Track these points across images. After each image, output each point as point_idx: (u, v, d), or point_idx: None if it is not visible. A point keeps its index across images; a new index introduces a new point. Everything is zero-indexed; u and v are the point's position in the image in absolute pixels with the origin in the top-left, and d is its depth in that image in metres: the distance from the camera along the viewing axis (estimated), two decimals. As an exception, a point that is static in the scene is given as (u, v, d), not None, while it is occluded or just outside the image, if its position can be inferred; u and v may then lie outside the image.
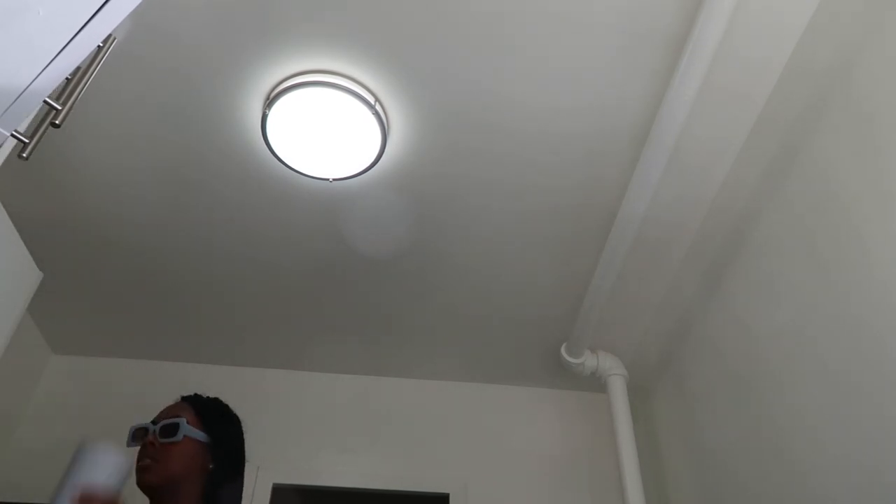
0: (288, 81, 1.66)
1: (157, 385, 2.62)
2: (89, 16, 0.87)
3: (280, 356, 2.72)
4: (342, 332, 2.58)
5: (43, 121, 0.95)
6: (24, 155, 0.93)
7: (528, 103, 1.73)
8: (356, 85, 1.68)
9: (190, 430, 1.45)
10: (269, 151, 1.82)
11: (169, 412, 1.50)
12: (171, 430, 1.45)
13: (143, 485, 1.39)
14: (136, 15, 0.94)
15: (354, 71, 1.66)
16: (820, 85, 1.57)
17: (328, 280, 2.33)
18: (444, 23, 1.56)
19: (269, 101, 1.68)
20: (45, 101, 0.93)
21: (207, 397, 1.59)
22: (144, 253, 2.22)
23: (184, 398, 1.56)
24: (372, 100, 1.70)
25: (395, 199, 2.00)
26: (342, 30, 1.59)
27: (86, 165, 1.92)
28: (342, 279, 2.33)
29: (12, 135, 0.91)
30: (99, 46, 1.00)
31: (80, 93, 0.99)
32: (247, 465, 1.54)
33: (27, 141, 0.93)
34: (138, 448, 1.46)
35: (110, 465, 1.27)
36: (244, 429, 1.57)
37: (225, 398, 1.58)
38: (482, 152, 1.86)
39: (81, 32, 0.87)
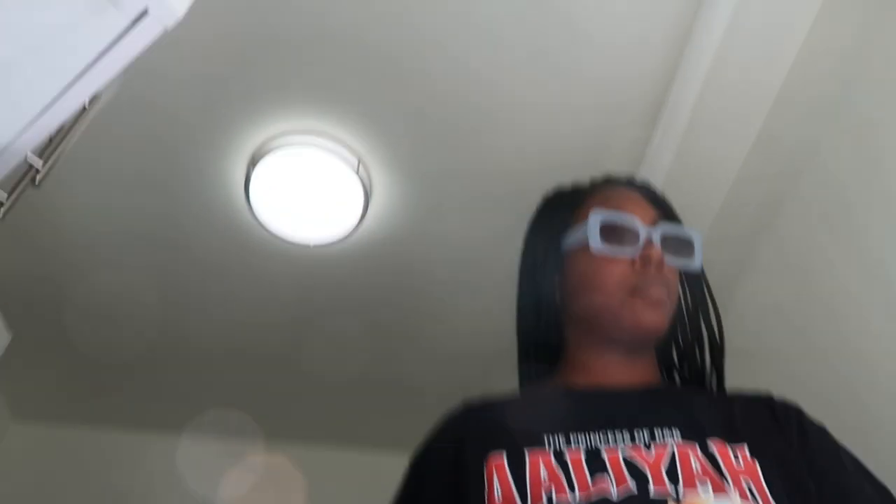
0: (272, 142, 1.66)
1: (125, 456, 2.52)
2: (77, 74, 0.86)
3: (263, 425, 2.62)
4: (327, 398, 2.52)
5: (22, 178, 0.93)
6: (0, 214, 0.90)
7: (512, 170, 1.74)
8: (339, 146, 1.69)
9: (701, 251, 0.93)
10: (250, 214, 1.81)
11: (641, 205, 0.94)
12: (686, 246, 0.92)
13: (647, 329, 0.87)
14: (121, 75, 0.94)
15: (338, 131, 1.67)
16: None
17: (308, 346, 2.27)
18: (429, 85, 1.58)
19: (253, 162, 1.68)
20: (26, 159, 0.91)
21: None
22: (118, 316, 2.16)
23: (635, 183, 1.02)
24: (355, 161, 1.70)
25: (377, 263, 1.99)
26: (327, 91, 1.60)
27: (64, 225, 1.88)
28: (324, 344, 2.27)
29: (-11, 193, 0.89)
30: (84, 106, 0.99)
31: (62, 152, 0.97)
32: None
33: (4, 199, 0.90)
34: (603, 255, 0.89)
35: None
36: None
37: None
38: (467, 216, 1.86)
39: (68, 91, 0.87)
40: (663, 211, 0.96)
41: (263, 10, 1.46)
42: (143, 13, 0.83)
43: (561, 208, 1.01)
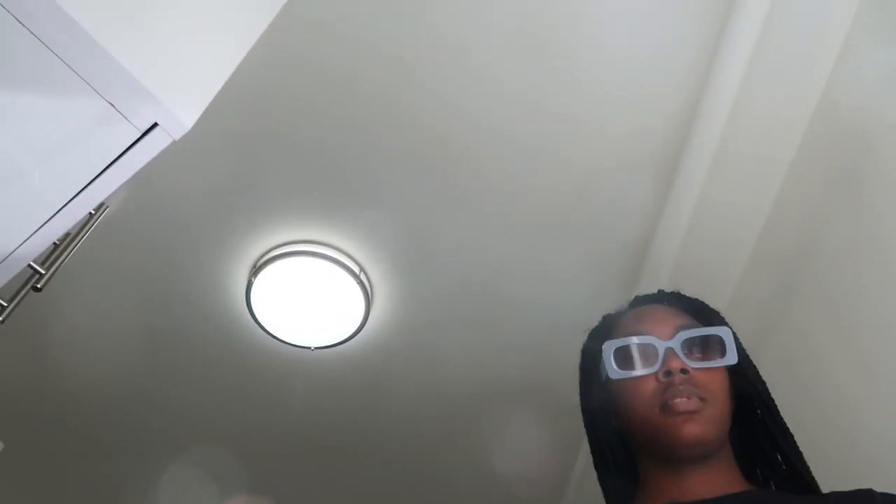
0: (275, 251, 1.69)
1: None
2: (85, 184, 0.88)
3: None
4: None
5: (24, 285, 0.93)
6: (0, 319, 0.90)
7: (515, 286, 1.74)
8: (342, 255, 1.71)
9: (735, 346, 0.90)
10: (252, 319, 1.81)
11: (662, 319, 0.94)
12: (715, 345, 0.89)
13: (685, 442, 0.84)
14: (128, 184, 0.96)
15: (341, 241, 1.70)
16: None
17: (310, 451, 2.21)
18: (431, 195, 1.61)
19: (255, 270, 1.70)
20: (29, 265, 0.91)
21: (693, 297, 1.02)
22: (113, 426, 2.12)
23: (664, 297, 1.02)
24: (357, 269, 1.72)
25: (378, 368, 1.96)
26: (330, 202, 1.63)
27: (62, 329, 1.87)
28: (326, 449, 2.21)
29: (-10, 299, 0.89)
30: (90, 213, 1.01)
31: (65, 258, 0.98)
32: None
33: (6, 305, 0.90)
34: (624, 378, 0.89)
35: None
36: None
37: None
38: (468, 325, 1.85)
39: (75, 199, 0.88)
40: (694, 316, 0.95)
41: (268, 123, 1.51)
42: (153, 126, 0.87)
43: (594, 341, 1.02)
